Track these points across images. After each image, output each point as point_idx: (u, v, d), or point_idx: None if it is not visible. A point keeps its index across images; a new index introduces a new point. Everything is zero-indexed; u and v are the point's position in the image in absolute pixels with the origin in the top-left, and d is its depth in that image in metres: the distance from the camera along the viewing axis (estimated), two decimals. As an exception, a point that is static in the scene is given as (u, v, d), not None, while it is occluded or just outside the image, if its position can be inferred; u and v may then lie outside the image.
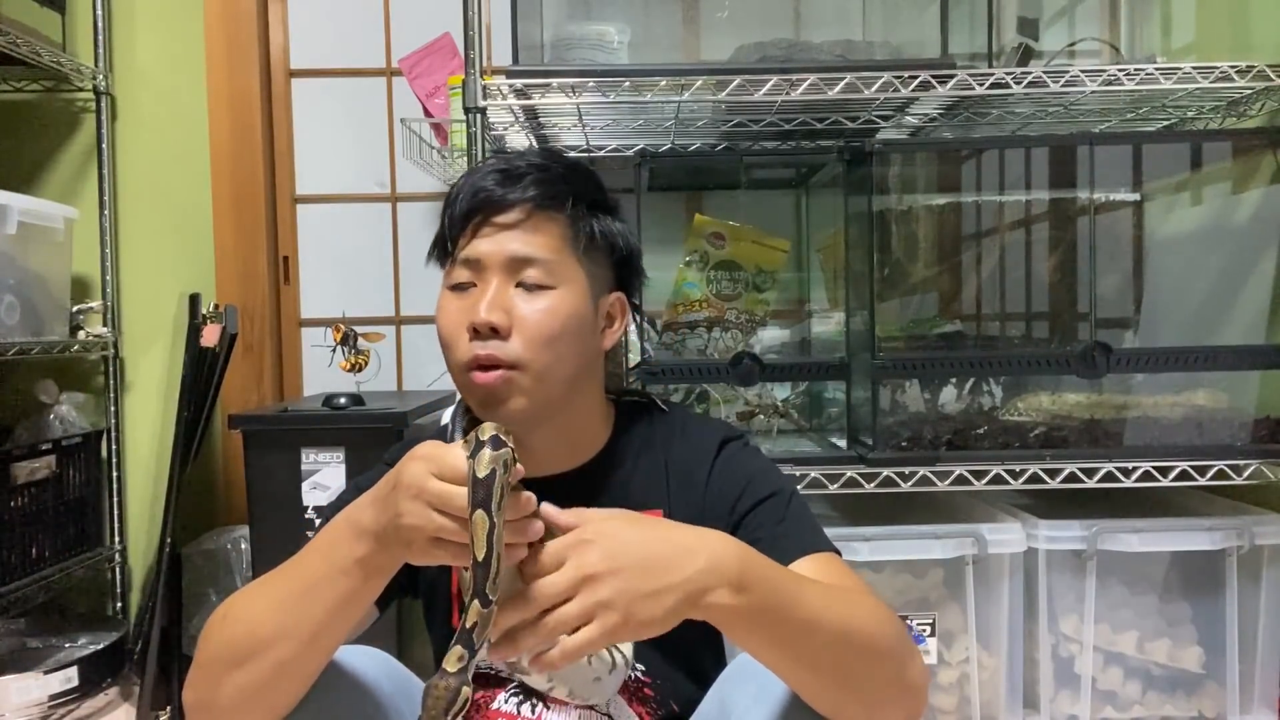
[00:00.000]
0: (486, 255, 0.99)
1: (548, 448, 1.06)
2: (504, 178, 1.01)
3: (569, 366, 1.01)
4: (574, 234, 1.02)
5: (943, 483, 1.67)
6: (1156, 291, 1.94)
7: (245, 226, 2.41)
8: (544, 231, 1.00)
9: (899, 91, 1.67)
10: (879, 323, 1.72)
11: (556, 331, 0.99)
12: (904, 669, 0.87)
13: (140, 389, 2.42)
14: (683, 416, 1.15)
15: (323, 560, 0.86)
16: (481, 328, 0.97)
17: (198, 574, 2.25)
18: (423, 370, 2.48)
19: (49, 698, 1.97)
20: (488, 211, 1.00)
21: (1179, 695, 1.70)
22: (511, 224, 1.00)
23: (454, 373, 1.02)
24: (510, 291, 0.99)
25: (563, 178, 1.03)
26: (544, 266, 0.99)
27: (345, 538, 0.84)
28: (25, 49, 2.11)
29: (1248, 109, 1.82)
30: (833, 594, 0.88)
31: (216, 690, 0.87)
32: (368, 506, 0.84)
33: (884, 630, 0.86)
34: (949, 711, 1.71)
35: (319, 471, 1.86)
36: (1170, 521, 1.68)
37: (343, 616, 0.87)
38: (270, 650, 0.85)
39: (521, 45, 1.76)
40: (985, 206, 2.00)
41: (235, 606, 0.90)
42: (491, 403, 0.99)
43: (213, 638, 0.89)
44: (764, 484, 1.06)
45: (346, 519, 0.85)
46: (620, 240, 1.08)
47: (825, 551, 0.99)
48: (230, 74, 2.39)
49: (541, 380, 0.99)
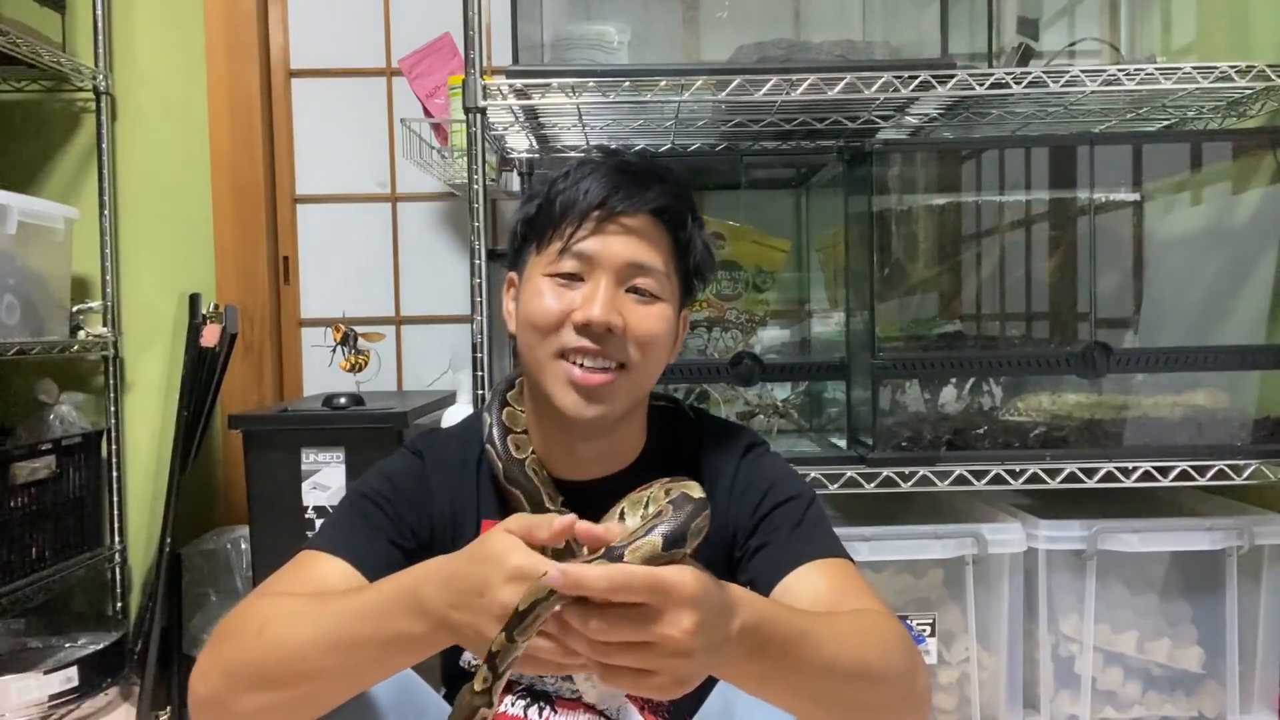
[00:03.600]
0: (605, 254, 0.99)
1: (595, 456, 1.07)
2: (630, 179, 1.01)
3: (655, 377, 1.05)
4: (680, 250, 1.04)
5: (943, 483, 1.67)
6: (1156, 291, 1.94)
7: (245, 226, 2.41)
8: (660, 243, 1.02)
9: (899, 91, 1.67)
10: (879, 323, 1.72)
11: (660, 342, 1.02)
12: (913, 684, 0.87)
13: (140, 389, 2.42)
14: (709, 423, 1.16)
15: (372, 620, 0.82)
16: (598, 326, 0.97)
17: (198, 574, 2.25)
18: (423, 370, 2.48)
19: (49, 698, 1.97)
20: (616, 210, 0.99)
21: (1179, 695, 1.70)
22: (636, 229, 1.00)
23: (542, 359, 1.01)
24: (620, 293, 1.00)
25: (681, 193, 1.04)
26: (657, 277, 1.01)
27: (402, 611, 0.80)
28: (25, 49, 2.11)
29: (1248, 109, 1.82)
30: (845, 629, 0.86)
31: (239, 699, 0.86)
32: (438, 590, 0.78)
33: (894, 656, 0.86)
34: (949, 711, 1.71)
35: (319, 471, 1.86)
36: (1170, 521, 1.68)
37: (385, 671, 0.86)
38: (305, 684, 0.84)
39: (521, 45, 1.76)
40: (985, 206, 2.00)
41: (273, 626, 0.87)
42: (591, 400, 0.99)
43: (245, 649, 0.86)
44: (784, 488, 1.06)
45: (410, 593, 0.80)
46: (706, 262, 1.09)
47: (838, 558, 0.99)
48: (230, 74, 2.39)
49: (638, 387, 1.02)
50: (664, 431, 1.12)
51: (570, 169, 1.03)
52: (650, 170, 1.03)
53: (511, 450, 1.07)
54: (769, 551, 1.01)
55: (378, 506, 1.03)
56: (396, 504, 1.04)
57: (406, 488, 1.06)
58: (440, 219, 2.50)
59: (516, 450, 1.07)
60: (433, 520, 1.06)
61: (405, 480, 1.07)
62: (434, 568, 0.80)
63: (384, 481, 1.06)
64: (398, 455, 1.11)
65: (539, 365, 1.02)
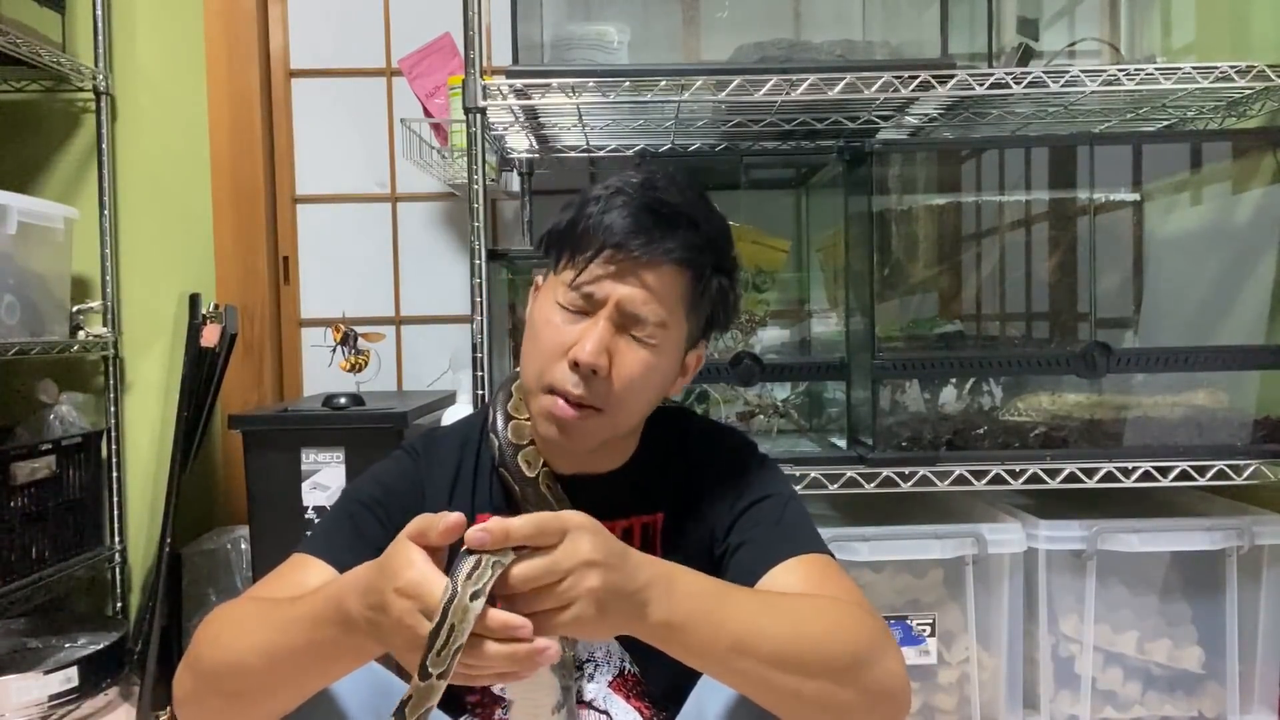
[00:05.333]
0: (610, 299, 0.99)
1: (589, 456, 1.07)
2: (656, 221, 0.98)
3: (640, 415, 1.06)
4: (695, 295, 1.02)
5: (943, 483, 1.67)
6: (1156, 291, 1.94)
7: (245, 226, 2.41)
8: (671, 287, 1.00)
9: (899, 91, 1.67)
10: (879, 323, 1.72)
11: (645, 386, 1.02)
12: (866, 672, 0.85)
13: (140, 389, 2.42)
14: (701, 424, 1.17)
15: (306, 628, 0.83)
16: (584, 369, 0.97)
17: (198, 574, 2.25)
18: (423, 370, 2.48)
19: (49, 698, 1.96)
20: (632, 254, 0.98)
21: (1179, 695, 1.70)
22: (648, 277, 0.99)
23: (531, 383, 1.03)
24: (614, 333, 1.00)
25: (710, 244, 1.02)
26: (657, 327, 1.00)
27: (329, 622, 0.81)
28: (25, 49, 2.11)
29: (1248, 109, 1.82)
30: (786, 605, 0.87)
31: (205, 700, 0.90)
32: (356, 602, 0.79)
33: (842, 638, 0.85)
34: (949, 711, 1.71)
35: (319, 471, 1.86)
36: (1170, 521, 1.68)
37: (325, 679, 0.88)
38: (254, 691, 0.87)
39: (521, 45, 1.76)
40: (985, 206, 2.00)
41: (225, 634, 0.89)
42: (562, 431, 1.01)
43: (206, 654, 0.90)
44: (765, 486, 1.07)
45: (337, 605, 0.81)
46: (728, 307, 1.08)
47: (817, 554, 0.99)
48: (230, 74, 2.39)
49: (614, 425, 1.02)
50: (659, 431, 1.13)
51: (605, 194, 1.01)
52: (681, 214, 1.00)
53: (510, 437, 1.08)
54: (748, 549, 1.01)
55: (368, 510, 1.04)
56: (388, 507, 1.05)
57: (399, 489, 1.07)
58: (440, 219, 2.50)
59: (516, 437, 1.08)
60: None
61: (398, 482, 1.08)
62: (355, 577, 0.81)
63: (376, 485, 1.07)
64: (392, 456, 1.12)
65: (529, 388, 1.04)
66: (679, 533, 1.08)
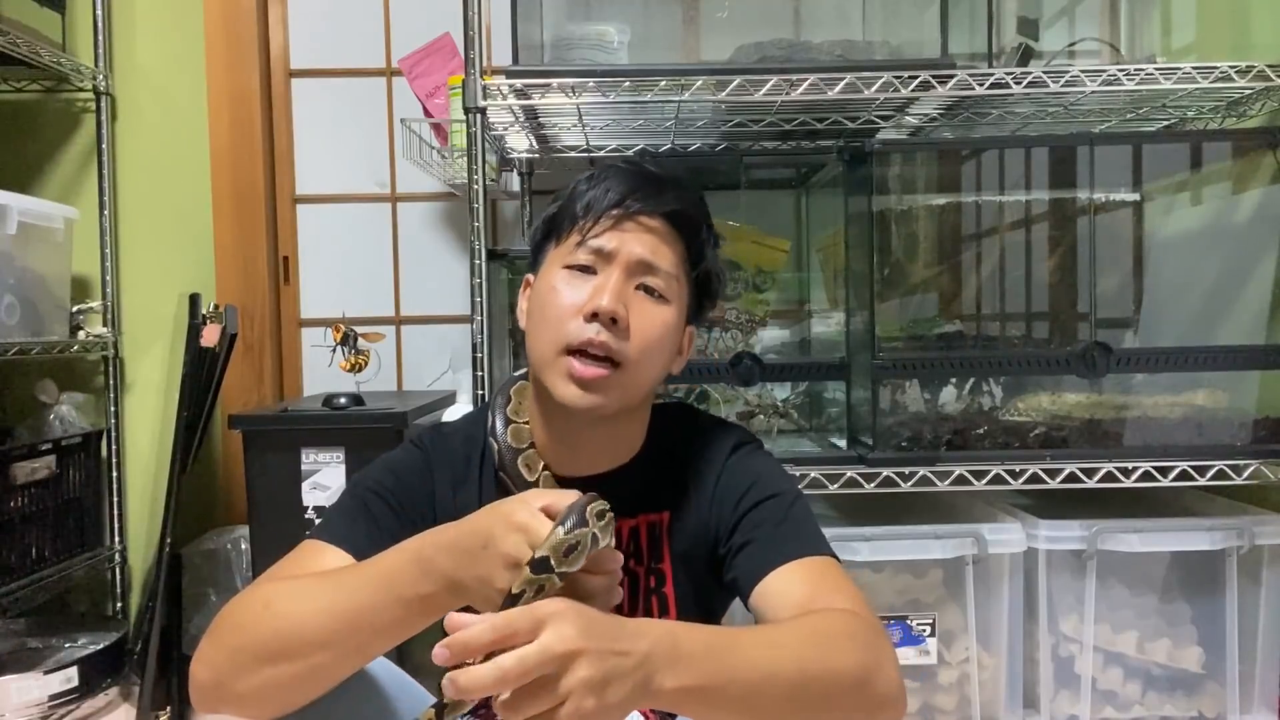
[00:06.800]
0: (620, 250, 1.01)
1: (596, 449, 1.08)
2: (648, 183, 1.04)
3: (654, 379, 1.06)
4: (692, 259, 1.06)
5: (943, 483, 1.67)
6: (1156, 291, 1.94)
7: (245, 226, 2.41)
8: (673, 247, 1.05)
9: (899, 91, 1.67)
10: (879, 323, 1.72)
11: (662, 343, 1.03)
12: (870, 686, 0.85)
13: (140, 389, 2.42)
14: (703, 421, 1.17)
15: (382, 586, 0.86)
16: (604, 315, 0.99)
17: (197, 574, 2.25)
18: (423, 370, 2.48)
19: (49, 698, 1.97)
20: (633, 209, 1.02)
21: (1179, 695, 1.70)
22: (652, 228, 1.03)
23: (547, 353, 1.02)
24: (629, 289, 1.01)
25: (696, 203, 1.08)
26: (666, 278, 1.03)
27: (411, 573, 0.85)
28: (25, 49, 2.11)
29: (1248, 109, 1.82)
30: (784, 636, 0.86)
31: (241, 677, 0.87)
32: (445, 552, 0.84)
33: (842, 657, 0.84)
34: (949, 711, 1.71)
35: (319, 471, 1.86)
36: (1170, 521, 1.68)
37: (391, 639, 0.88)
38: (313, 655, 0.86)
39: (521, 45, 1.76)
40: (985, 206, 2.00)
41: (280, 601, 0.89)
42: (583, 388, 1.00)
43: (248, 626, 0.88)
44: (769, 485, 1.06)
45: (416, 556, 0.85)
46: (717, 280, 1.11)
47: (821, 556, 0.99)
48: (230, 74, 2.39)
49: (634, 384, 1.03)
50: (663, 429, 1.13)
51: (594, 172, 1.06)
52: (669, 177, 1.07)
53: (510, 440, 1.09)
54: (751, 550, 1.01)
55: (381, 498, 1.04)
56: (400, 495, 1.05)
57: (409, 480, 1.08)
58: (440, 219, 2.50)
59: (516, 440, 1.09)
60: (435, 512, 1.06)
61: (408, 473, 1.08)
62: (438, 533, 0.86)
63: (387, 473, 1.08)
64: (401, 448, 1.13)
65: (544, 361, 1.03)
66: (684, 531, 1.08)
